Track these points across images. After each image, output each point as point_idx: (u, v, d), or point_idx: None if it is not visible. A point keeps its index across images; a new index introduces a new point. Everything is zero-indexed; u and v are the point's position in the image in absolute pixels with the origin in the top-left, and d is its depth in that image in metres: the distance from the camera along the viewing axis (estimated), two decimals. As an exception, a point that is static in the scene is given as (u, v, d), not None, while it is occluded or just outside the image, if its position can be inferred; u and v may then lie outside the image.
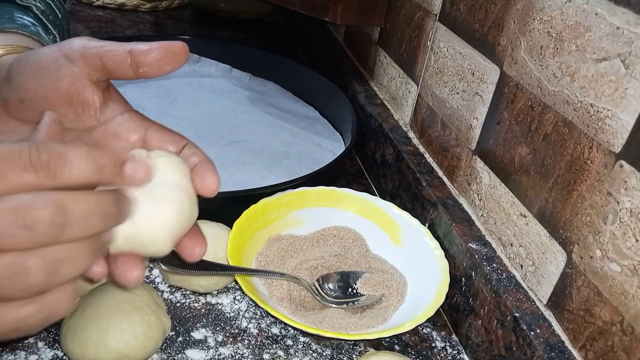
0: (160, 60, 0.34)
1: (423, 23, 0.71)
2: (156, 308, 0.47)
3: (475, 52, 0.59)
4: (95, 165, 0.28)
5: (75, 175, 0.27)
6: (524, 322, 0.46)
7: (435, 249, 0.58)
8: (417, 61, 0.73)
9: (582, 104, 0.44)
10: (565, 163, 0.46)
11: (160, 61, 0.34)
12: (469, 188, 0.60)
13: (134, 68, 0.34)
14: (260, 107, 0.90)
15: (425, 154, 0.71)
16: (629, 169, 0.39)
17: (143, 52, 0.33)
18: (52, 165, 0.26)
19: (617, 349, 0.40)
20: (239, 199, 0.61)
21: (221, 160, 0.74)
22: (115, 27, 1.15)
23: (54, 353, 0.46)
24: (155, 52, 0.33)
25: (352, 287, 0.57)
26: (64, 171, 0.27)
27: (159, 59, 0.33)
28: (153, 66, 0.34)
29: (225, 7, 1.29)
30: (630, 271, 0.39)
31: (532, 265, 0.50)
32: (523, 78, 0.51)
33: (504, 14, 0.54)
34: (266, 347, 0.50)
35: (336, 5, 0.77)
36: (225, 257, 0.54)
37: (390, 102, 0.83)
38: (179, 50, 0.34)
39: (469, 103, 0.60)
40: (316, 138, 0.83)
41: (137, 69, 0.34)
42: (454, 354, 0.53)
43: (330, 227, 0.64)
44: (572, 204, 0.45)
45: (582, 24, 0.44)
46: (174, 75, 0.95)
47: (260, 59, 0.99)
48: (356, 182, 0.79)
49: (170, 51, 0.34)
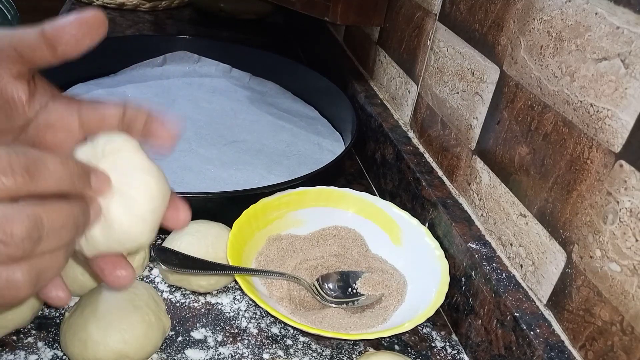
0: (76, 35, 0.31)
1: (423, 23, 0.71)
2: (156, 308, 0.47)
3: (475, 52, 0.59)
4: (69, 174, 0.28)
5: (52, 182, 0.27)
6: (524, 322, 0.46)
7: (435, 248, 0.58)
8: (417, 61, 0.73)
9: (582, 104, 0.44)
10: (565, 163, 0.46)
11: (77, 36, 0.31)
12: (469, 188, 0.60)
13: (52, 50, 0.31)
14: (260, 107, 0.90)
15: (425, 153, 0.71)
16: (628, 168, 0.39)
17: (56, 31, 0.31)
18: (31, 170, 0.26)
19: (617, 349, 0.40)
20: (239, 198, 0.61)
21: (221, 160, 0.74)
22: (115, 27, 1.15)
23: (54, 353, 0.46)
24: (69, 28, 0.31)
25: (351, 287, 0.57)
26: (41, 177, 0.26)
27: (74, 34, 0.31)
28: (70, 43, 0.31)
29: (225, 7, 1.29)
30: (630, 271, 0.39)
31: (531, 265, 0.50)
32: (523, 78, 0.51)
33: (504, 14, 0.54)
34: (266, 347, 0.50)
35: (336, 5, 0.77)
36: (225, 257, 0.54)
37: (390, 101, 0.82)
38: (94, 21, 0.31)
39: (468, 103, 0.60)
40: (316, 138, 0.83)
41: (55, 51, 0.31)
42: (454, 353, 0.53)
43: (330, 227, 0.64)
44: (572, 203, 0.45)
45: (582, 23, 0.44)
46: (173, 75, 0.95)
47: (260, 59, 0.99)
48: (356, 182, 0.79)
49: (84, 23, 0.31)
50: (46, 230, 0.26)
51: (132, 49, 0.95)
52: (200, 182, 0.68)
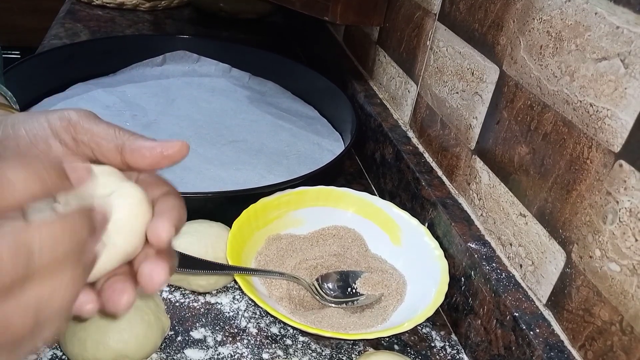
0: (152, 165, 0.31)
1: (422, 22, 0.71)
2: (155, 308, 0.47)
3: (475, 52, 0.59)
4: (38, 176, 0.24)
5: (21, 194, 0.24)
6: (524, 322, 0.46)
7: (435, 248, 0.58)
8: (416, 61, 0.73)
9: (582, 104, 0.44)
10: (565, 163, 0.46)
11: (153, 165, 0.31)
12: (469, 188, 0.60)
13: (123, 165, 0.32)
14: (260, 106, 0.90)
15: (424, 153, 0.71)
16: (628, 168, 0.39)
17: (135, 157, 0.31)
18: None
19: (617, 349, 0.40)
20: (239, 198, 0.61)
21: (221, 160, 0.74)
22: (115, 27, 1.15)
23: (53, 353, 0.46)
24: (149, 159, 0.31)
25: (351, 286, 0.57)
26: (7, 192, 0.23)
27: (150, 164, 0.31)
28: (143, 168, 0.31)
29: (225, 7, 1.28)
30: (629, 271, 0.39)
31: (531, 265, 0.50)
32: (522, 77, 0.51)
33: (504, 14, 0.54)
34: (265, 347, 0.50)
35: (336, 4, 0.77)
36: (224, 257, 0.54)
37: (389, 101, 0.82)
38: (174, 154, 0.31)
39: (468, 102, 0.60)
40: (316, 138, 0.83)
41: (126, 166, 0.32)
42: (453, 353, 0.53)
43: (329, 227, 0.64)
44: (571, 203, 0.45)
45: (581, 23, 0.44)
46: (173, 75, 0.95)
47: (259, 58, 0.99)
48: (355, 182, 0.79)
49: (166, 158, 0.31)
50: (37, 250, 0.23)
51: (132, 48, 0.95)
52: (200, 181, 0.68)
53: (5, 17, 1.94)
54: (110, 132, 0.31)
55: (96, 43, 0.95)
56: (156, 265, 0.30)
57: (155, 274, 0.30)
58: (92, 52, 0.90)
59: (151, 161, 0.30)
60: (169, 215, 0.31)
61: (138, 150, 0.31)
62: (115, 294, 0.30)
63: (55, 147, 0.32)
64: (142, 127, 0.79)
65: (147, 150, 0.30)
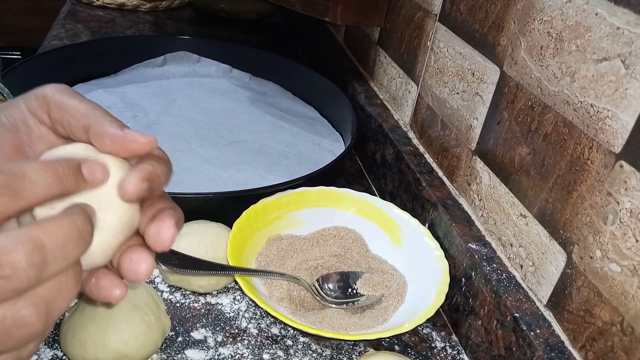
0: (113, 153, 0.30)
1: (423, 23, 0.71)
2: (156, 308, 0.47)
3: (475, 52, 0.59)
4: (55, 176, 0.26)
5: (40, 192, 0.25)
6: (524, 323, 0.46)
7: (435, 249, 0.58)
8: (417, 61, 0.73)
9: (582, 104, 0.44)
10: (565, 163, 0.46)
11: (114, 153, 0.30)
12: (469, 188, 0.60)
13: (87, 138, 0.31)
14: (260, 107, 0.90)
15: (425, 154, 0.71)
16: (629, 169, 0.39)
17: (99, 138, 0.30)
18: (14, 186, 0.24)
19: (617, 349, 0.40)
20: (239, 199, 0.61)
21: (221, 161, 0.74)
22: (115, 27, 1.15)
23: (54, 353, 0.46)
24: (108, 148, 0.30)
25: (352, 287, 0.57)
26: (27, 189, 0.24)
27: (109, 151, 0.30)
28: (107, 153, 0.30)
29: (225, 7, 1.29)
30: (630, 271, 0.39)
31: (532, 266, 0.50)
32: (523, 78, 0.51)
33: (504, 14, 0.54)
34: (266, 347, 0.50)
35: (336, 5, 0.77)
36: (225, 257, 0.54)
37: (390, 102, 0.82)
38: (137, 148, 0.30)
39: (469, 103, 0.60)
40: (316, 138, 0.83)
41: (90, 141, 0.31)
42: (454, 354, 0.53)
43: (330, 227, 0.63)
44: (572, 204, 0.45)
45: (582, 24, 0.44)
46: (174, 75, 0.96)
47: (260, 59, 0.99)
48: (356, 182, 0.79)
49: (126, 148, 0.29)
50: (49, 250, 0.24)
51: (133, 49, 0.95)
52: (200, 182, 0.68)
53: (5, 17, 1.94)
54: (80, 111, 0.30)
55: (97, 44, 0.95)
56: (162, 223, 0.30)
57: (163, 230, 0.30)
58: (92, 52, 0.91)
59: (111, 149, 0.29)
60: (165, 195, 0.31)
61: (101, 136, 0.29)
62: (132, 264, 0.30)
63: (36, 128, 0.31)
64: (142, 127, 0.79)
65: (109, 139, 0.29)
